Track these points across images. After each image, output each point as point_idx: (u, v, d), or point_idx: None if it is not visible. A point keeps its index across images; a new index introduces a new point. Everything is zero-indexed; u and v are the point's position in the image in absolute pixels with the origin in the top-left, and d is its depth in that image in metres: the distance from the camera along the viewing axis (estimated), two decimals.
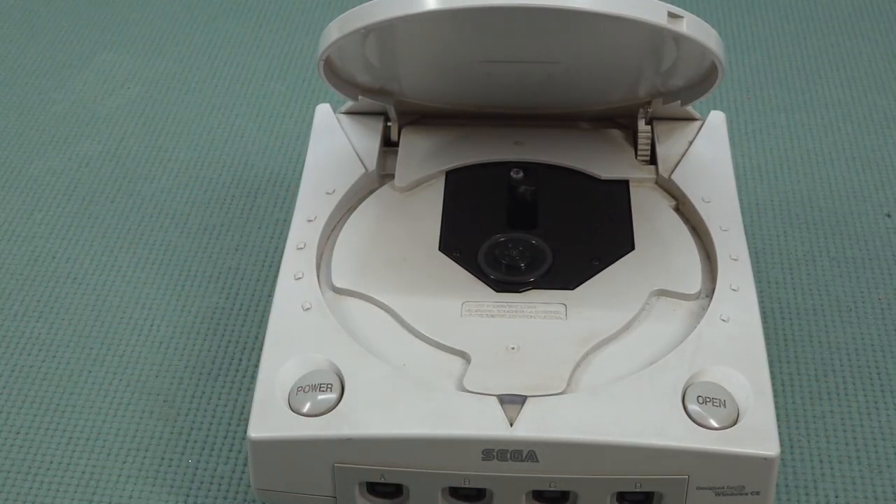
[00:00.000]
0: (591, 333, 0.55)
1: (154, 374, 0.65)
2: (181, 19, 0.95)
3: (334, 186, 0.63)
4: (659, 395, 0.52)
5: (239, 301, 0.69)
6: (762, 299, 0.66)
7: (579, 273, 0.58)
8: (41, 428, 0.62)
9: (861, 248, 0.72)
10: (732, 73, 0.87)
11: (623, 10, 0.52)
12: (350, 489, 0.52)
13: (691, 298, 0.57)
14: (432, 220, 0.61)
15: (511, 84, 0.64)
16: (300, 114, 0.83)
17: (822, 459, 0.60)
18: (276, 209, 0.75)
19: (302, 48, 0.91)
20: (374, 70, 0.63)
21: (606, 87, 0.65)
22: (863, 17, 0.93)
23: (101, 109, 0.84)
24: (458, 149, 0.65)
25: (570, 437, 0.50)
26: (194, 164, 0.79)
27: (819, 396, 0.63)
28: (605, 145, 0.66)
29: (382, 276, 0.58)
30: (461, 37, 0.60)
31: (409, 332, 0.55)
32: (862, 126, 0.82)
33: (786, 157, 0.79)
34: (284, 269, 0.58)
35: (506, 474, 0.51)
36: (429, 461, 0.51)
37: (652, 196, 0.63)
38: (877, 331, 0.66)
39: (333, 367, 0.53)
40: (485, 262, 0.59)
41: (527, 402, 0.51)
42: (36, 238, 0.73)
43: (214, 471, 0.59)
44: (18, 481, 0.59)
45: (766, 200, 0.75)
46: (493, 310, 0.56)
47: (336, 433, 0.51)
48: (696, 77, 0.62)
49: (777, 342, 0.66)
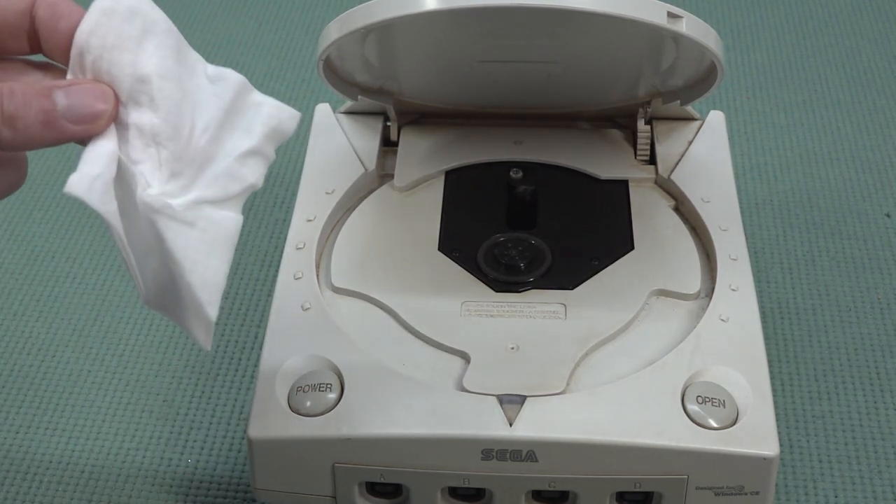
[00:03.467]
0: (591, 333, 0.55)
1: (154, 374, 0.65)
2: (180, 19, 0.95)
3: (334, 186, 0.63)
4: (658, 395, 0.52)
5: (238, 301, 0.69)
6: (761, 299, 0.66)
7: (579, 273, 0.58)
8: (41, 428, 0.62)
9: (861, 248, 0.72)
10: (732, 73, 0.87)
11: (623, 10, 0.52)
12: (350, 489, 0.52)
13: (691, 298, 0.57)
14: (432, 220, 0.61)
15: (511, 84, 0.64)
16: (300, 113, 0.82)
17: (822, 459, 0.60)
18: (275, 209, 0.75)
19: (301, 48, 0.91)
20: (374, 70, 0.63)
21: (606, 87, 0.65)
22: (863, 17, 0.93)
23: None
24: (457, 149, 0.65)
25: (570, 436, 0.50)
26: None
27: (818, 396, 0.63)
28: (604, 145, 0.66)
29: (382, 276, 0.58)
30: (461, 37, 0.60)
31: (409, 332, 0.55)
32: (862, 126, 0.82)
33: (785, 157, 0.79)
34: (284, 269, 0.58)
35: (505, 474, 0.51)
36: (428, 461, 0.51)
37: (651, 196, 0.63)
38: (876, 331, 0.66)
39: (333, 367, 0.53)
40: (484, 262, 0.59)
41: (526, 402, 0.51)
42: (36, 237, 0.73)
43: (214, 471, 0.59)
44: (18, 481, 0.59)
45: (766, 200, 0.75)
46: (493, 310, 0.56)
47: (335, 433, 0.51)
48: (695, 77, 0.62)
49: (776, 342, 0.66)
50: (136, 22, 0.41)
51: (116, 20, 0.41)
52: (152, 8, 0.42)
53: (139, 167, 0.41)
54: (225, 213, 0.43)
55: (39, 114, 0.40)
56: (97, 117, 0.41)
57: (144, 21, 0.41)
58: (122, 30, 0.41)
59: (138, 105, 0.41)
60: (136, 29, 0.41)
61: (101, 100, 0.41)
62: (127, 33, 0.41)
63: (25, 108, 0.40)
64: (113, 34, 0.41)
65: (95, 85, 0.41)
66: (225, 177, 0.43)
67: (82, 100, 0.41)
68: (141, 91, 0.41)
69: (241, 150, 0.43)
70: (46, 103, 0.40)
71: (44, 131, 0.40)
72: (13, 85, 0.41)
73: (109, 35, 0.41)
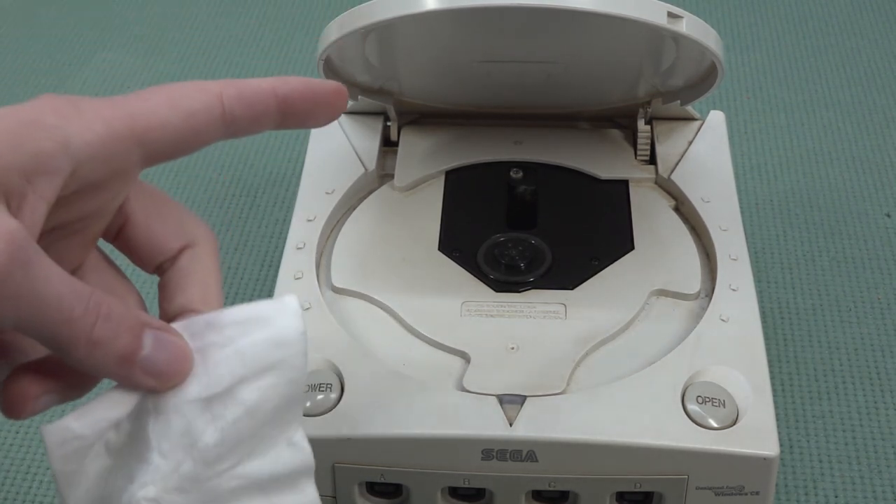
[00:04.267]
0: (591, 333, 0.55)
1: None
2: (181, 19, 0.95)
3: (334, 186, 0.63)
4: (658, 395, 0.52)
5: (238, 301, 0.69)
6: (761, 299, 0.66)
7: (579, 273, 0.58)
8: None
9: (861, 248, 0.72)
10: (732, 73, 0.87)
11: (623, 10, 0.52)
12: (350, 489, 0.52)
13: (691, 298, 0.57)
14: (432, 220, 0.61)
15: (511, 84, 0.64)
16: None
17: (822, 459, 0.60)
18: (275, 209, 0.75)
19: (302, 48, 0.91)
20: (374, 70, 0.63)
21: (606, 87, 0.65)
22: (863, 17, 0.93)
23: None
24: (457, 149, 0.65)
25: (570, 436, 0.50)
26: (194, 164, 0.79)
27: (818, 396, 0.63)
28: (604, 145, 0.66)
29: (382, 276, 0.58)
30: (461, 37, 0.60)
31: (409, 332, 0.55)
32: (862, 126, 0.82)
33: (785, 157, 0.79)
34: (284, 269, 0.58)
35: (505, 474, 0.51)
36: (428, 461, 0.51)
37: (651, 196, 0.63)
38: (876, 331, 0.66)
39: (333, 367, 0.53)
40: (484, 262, 0.59)
41: (526, 402, 0.51)
42: None
43: None
44: (18, 481, 0.59)
45: (766, 200, 0.75)
46: (493, 310, 0.56)
47: (336, 433, 0.51)
48: (695, 77, 0.62)
49: (776, 342, 0.66)
50: (275, 352, 0.37)
51: (261, 334, 0.37)
52: (300, 353, 0.37)
53: (160, 462, 0.36)
54: None
55: (123, 349, 0.35)
56: (171, 379, 0.36)
57: (283, 358, 0.37)
58: (258, 347, 0.37)
59: (209, 411, 0.36)
60: (269, 358, 0.37)
61: (185, 362, 0.36)
62: (259, 353, 0.37)
63: (114, 339, 0.35)
64: (248, 341, 0.37)
65: (183, 345, 0.37)
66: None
67: (169, 355, 0.36)
68: (221, 402, 0.36)
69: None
70: (135, 344, 0.36)
71: (115, 368, 0.36)
72: (112, 305, 0.35)
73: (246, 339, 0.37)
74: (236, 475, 0.37)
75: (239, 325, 0.37)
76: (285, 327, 0.37)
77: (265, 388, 0.37)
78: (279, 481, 0.38)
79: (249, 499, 0.37)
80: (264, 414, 0.37)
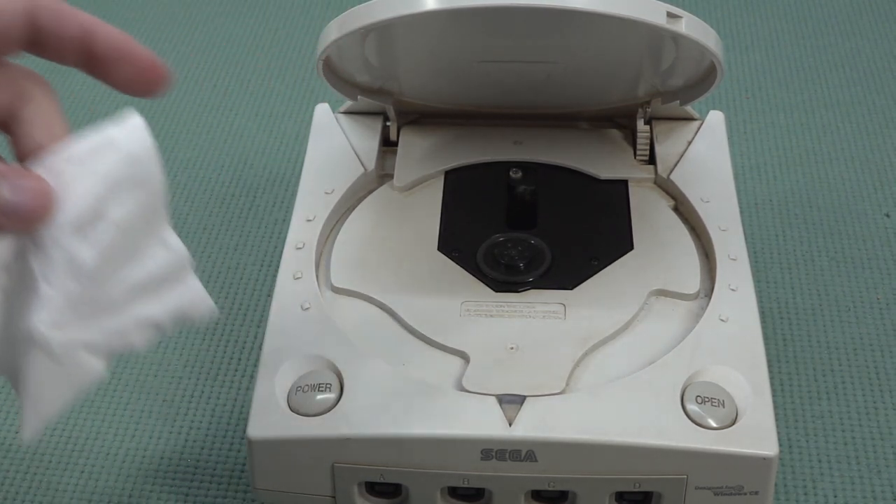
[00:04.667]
0: (590, 333, 0.55)
1: (153, 374, 0.65)
2: (180, 19, 0.95)
3: (333, 186, 0.63)
4: (658, 395, 0.52)
5: (238, 300, 0.69)
6: (761, 299, 0.66)
7: (578, 273, 0.58)
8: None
9: (860, 248, 0.72)
10: (731, 73, 0.87)
11: (622, 10, 0.52)
12: (349, 489, 0.52)
13: (690, 298, 0.57)
14: (431, 220, 0.61)
15: (511, 84, 0.64)
16: (299, 113, 0.83)
17: (821, 459, 0.60)
18: (275, 209, 0.75)
19: (301, 48, 0.91)
20: (374, 70, 0.63)
21: (606, 87, 0.65)
22: (863, 17, 0.93)
23: (99, 109, 0.84)
24: (457, 148, 0.65)
25: (569, 436, 0.50)
26: (193, 164, 0.79)
27: (818, 396, 0.63)
28: (604, 145, 0.66)
29: (381, 276, 0.58)
30: (461, 37, 0.60)
31: (408, 332, 0.56)
32: (861, 126, 0.82)
33: (785, 157, 0.79)
34: (283, 269, 0.58)
35: (505, 474, 0.51)
36: (428, 461, 0.51)
37: (651, 196, 0.63)
38: (875, 331, 0.66)
39: (332, 367, 0.53)
40: (484, 262, 0.59)
41: (526, 402, 0.51)
42: None
43: (214, 471, 0.59)
44: (18, 481, 0.59)
45: (765, 200, 0.75)
46: (493, 310, 0.56)
47: (335, 433, 0.51)
48: (695, 77, 0.62)
49: (776, 342, 0.66)
50: (130, 169, 0.40)
51: (112, 155, 0.40)
52: (153, 163, 0.40)
53: (48, 291, 0.39)
54: (94, 360, 0.41)
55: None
56: (38, 217, 0.38)
57: (138, 172, 0.40)
58: (113, 166, 0.39)
59: (82, 235, 0.39)
60: (125, 174, 0.39)
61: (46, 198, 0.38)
62: (115, 172, 0.39)
63: None
64: (102, 163, 0.39)
65: (42, 184, 0.38)
66: (117, 333, 0.41)
67: (27, 201, 0.38)
68: (91, 225, 0.39)
69: (145, 315, 0.41)
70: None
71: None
72: None
73: (100, 163, 0.39)
74: (123, 285, 0.40)
75: (91, 152, 0.40)
76: (134, 143, 0.40)
77: (129, 203, 0.40)
78: (163, 279, 0.41)
79: (142, 302, 0.41)
80: (134, 226, 0.40)
